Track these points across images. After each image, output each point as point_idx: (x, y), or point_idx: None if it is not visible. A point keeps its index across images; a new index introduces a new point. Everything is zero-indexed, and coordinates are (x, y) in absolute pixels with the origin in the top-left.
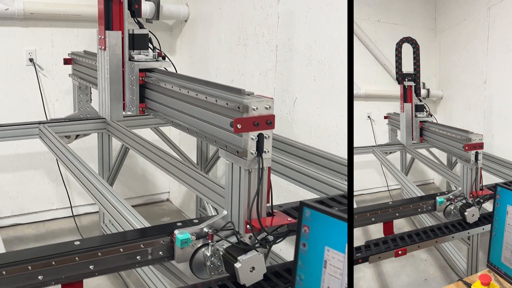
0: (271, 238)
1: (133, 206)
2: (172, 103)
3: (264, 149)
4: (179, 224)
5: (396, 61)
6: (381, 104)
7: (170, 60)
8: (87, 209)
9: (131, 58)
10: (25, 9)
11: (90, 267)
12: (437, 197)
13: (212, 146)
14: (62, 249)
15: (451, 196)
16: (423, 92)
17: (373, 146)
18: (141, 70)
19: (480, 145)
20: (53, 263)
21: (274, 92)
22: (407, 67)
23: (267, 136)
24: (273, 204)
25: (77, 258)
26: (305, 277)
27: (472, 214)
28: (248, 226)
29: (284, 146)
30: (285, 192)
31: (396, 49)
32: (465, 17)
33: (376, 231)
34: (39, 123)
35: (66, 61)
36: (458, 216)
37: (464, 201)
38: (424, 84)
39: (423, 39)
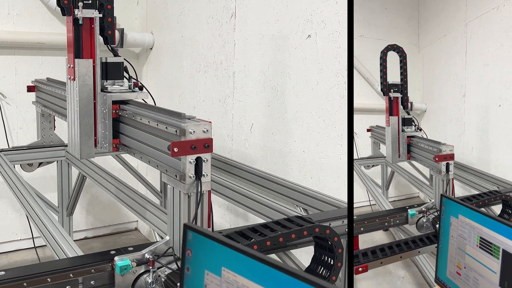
0: None
1: (100, 236)
2: (143, 136)
3: (203, 173)
4: (112, 252)
5: (381, 71)
6: (364, 118)
7: (148, 91)
8: None
9: (104, 89)
10: None
11: None
12: (408, 210)
13: None
14: None
15: (423, 209)
16: (408, 107)
17: (356, 160)
18: (114, 102)
19: (451, 156)
20: None
21: (232, 118)
22: (393, 77)
23: (205, 159)
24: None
25: None
26: None
27: None
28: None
29: (240, 172)
30: (241, 217)
31: (380, 58)
32: (445, 33)
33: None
34: (2, 150)
35: (30, 89)
36: (431, 229)
37: (436, 213)
38: (408, 99)
39: (408, 54)
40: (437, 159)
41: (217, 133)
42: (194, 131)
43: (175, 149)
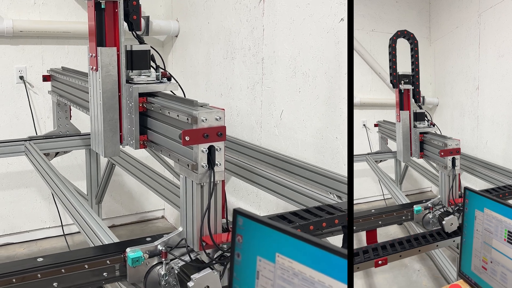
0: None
1: (127, 224)
2: (173, 132)
3: (216, 162)
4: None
5: (390, 60)
6: (376, 113)
7: (177, 82)
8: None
9: (129, 80)
10: (15, 27)
11: (54, 284)
12: (414, 206)
13: None
14: (24, 266)
15: (429, 205)
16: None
17: (366, 154)
18: (141, 95)
19: (457, 151)
20: (14, 280)
21: (261, 105)
22: (404, 68)
23: (218, 148)
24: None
25: (39, 275)
26: None
27: (450, 223)
28: (202, 243)
29: (270, 159)
30: (275, 206)
31: (389, 45)
32: (457, 25)
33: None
34: (25, 140)
35: (45, 78)
36: (437, 225)
37: (443, 209)
38: (419, 91)
39: (419, 48)
40: (442, 153)
41: (245, 120)
42: (206, 119)
43: (187, 138)
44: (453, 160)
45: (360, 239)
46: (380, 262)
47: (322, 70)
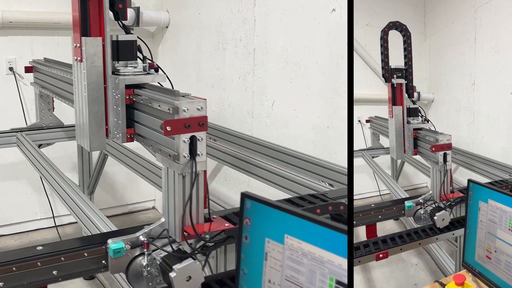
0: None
1: (117, 215)
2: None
3: (198, 152)
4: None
5: (382, 53)
6: (371, 108)
7: (165, 73)
8: (71, 219)
9: (115, 72)
10: (4, 18)
11: (54, 272)
12: (405, 202)
13: None
14: (24, 255)
15: (421, 200)
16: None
17: (362, 150)
18: (128, 87)
19: (448, 146)
20: (14, 269)
21: (253, 95)
22: (397, 61)
23: (200, 138)
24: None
25: (39, 264)
26: (248, 270)
27: (442, 219)
28: (184, 233)
29: (261, 148)
30: (266, 195)
31: (381, 38)
32: (453, 20)
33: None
34: (17, 131)
35: (27, 69)
36: (428, 221)
37: (434, 205)
38: (415, 87)
39: (414, 43)
40: (433, 149)
41: (237, 110)
42: (188, 109)
43: (168, 128)
44: (445, 155)
45: (357, 235)
46: (381, 255)
47: (314, 61)
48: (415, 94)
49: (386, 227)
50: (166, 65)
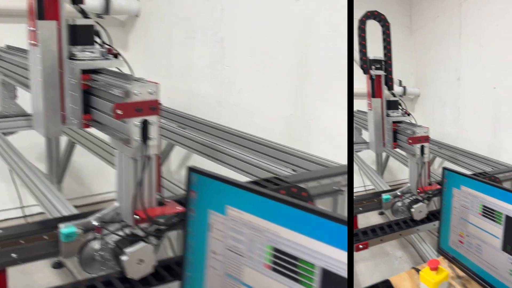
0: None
1: (89, 205)
2: None
3: (150, 136)
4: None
5: (359, 43)
6: (356, 102)
7: (124, 59)
8: (39, 209)
9: (71, 57)
10: None
11: (13, 255)
12: (382, 194)
13: (163, 141)
14: None
15: (398, 193)
16: (398, 89)
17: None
18: (84, 72)
19: (426, 138)
20: None
21: (221, 84)
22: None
23: (152, 122)
24: None
25: None
26: (194, 243)
27: (419, 211)
28: (136, 217)
29: (230, 136)
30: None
31: (358, 27)
32: (438, 14)
33: None
34: None
35: None
36: (406, 213)
37: (412, 197)
38: (400, 81)
39: (400, 37)
40: (410, 141)
41: (205, 99)
42: (139, 93)
43: (119, 111)
44: (422, 147)
45: None
46: (361, 246)
47: (279, 50)
48: (401, 89)
49: (371, 222)
50: (137, 53)
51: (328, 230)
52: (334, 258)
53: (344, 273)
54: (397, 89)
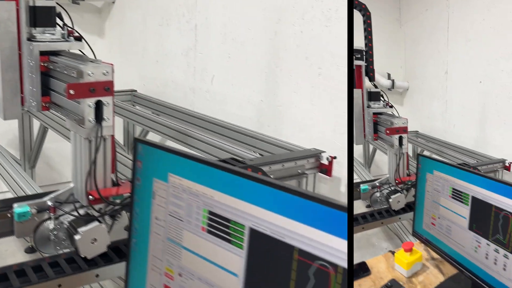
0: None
1: None
2: None
3: (104, 117)
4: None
5: None
6: None
7: (86, 41)
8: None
9: (31, 38)
10: None
11: None
12: (360, 185)
13: (138, 127)
14: None
15: (377, 183)
16: (387, 82)
17: None
18: (43, 53)
19: (404, 129)
20: None
21: (194, 70)
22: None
23: (106, 103)
24: None
25: None
26: (139, 210)
27: (397, 201)
28: (90, 197)
29: (202, 122)
30: None
31: None
32: (427, 7)
33: None
34: None
35: None
36: (385, 204)
37: (390, 188)
38: (389, 75)
39: (389, 30)
40: (388, 132)
41: (179, 85)
42: (92, 73)
43: (71, 91)
44: (400, 138)
45: None
46: None
47: (250, 37)
48: (389, 82)
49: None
50: (113, 40)
51: (255, 192)
52: (261, 218)
53: (269, 232)
54: (386, 82)
